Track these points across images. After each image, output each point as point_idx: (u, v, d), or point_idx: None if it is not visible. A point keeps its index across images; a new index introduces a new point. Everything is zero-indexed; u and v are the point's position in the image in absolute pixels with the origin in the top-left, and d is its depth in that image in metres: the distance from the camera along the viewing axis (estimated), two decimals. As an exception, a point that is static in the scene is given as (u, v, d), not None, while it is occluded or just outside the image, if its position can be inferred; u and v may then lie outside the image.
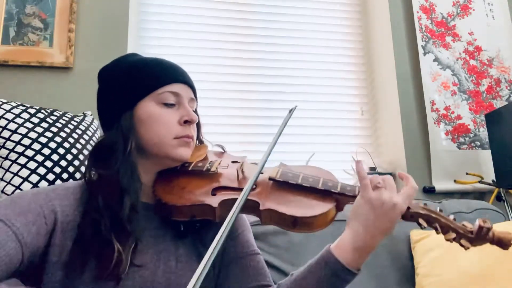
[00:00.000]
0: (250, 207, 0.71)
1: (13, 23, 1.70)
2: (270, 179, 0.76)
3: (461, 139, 2.06)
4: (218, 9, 2.12)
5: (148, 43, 1.97)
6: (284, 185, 0.76)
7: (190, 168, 0.80)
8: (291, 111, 0.83)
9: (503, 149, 1.80)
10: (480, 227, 0.66)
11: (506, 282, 1.10)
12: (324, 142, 2.08)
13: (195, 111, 0.84)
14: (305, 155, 1.75)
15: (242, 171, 0.79)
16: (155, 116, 0.76)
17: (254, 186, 0.76)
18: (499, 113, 1.86)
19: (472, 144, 2.07)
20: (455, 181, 2.00)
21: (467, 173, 2.00)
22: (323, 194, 0.74)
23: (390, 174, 1.98)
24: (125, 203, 0.71)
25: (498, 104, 2.13)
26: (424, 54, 2.11)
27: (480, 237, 0.67)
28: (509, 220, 1.69)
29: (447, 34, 2.18)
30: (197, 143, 0.87)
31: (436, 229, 0.68)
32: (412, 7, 2.16)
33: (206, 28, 2.07)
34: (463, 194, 1.98)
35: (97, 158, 0.77)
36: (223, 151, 0.92)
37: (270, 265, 1.21)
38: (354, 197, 0.72)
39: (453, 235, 0.68)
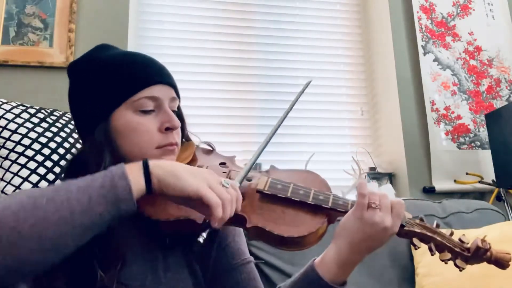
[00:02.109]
0: (236, 221, 0.67)
1: (13, 23, 1.70)
2: (258, 191, 0.72)
3: (461, 139, 2.06)
4: (217, 9, 2.12)
5: (148, 43, 1.97)
6: (272, 198, 0.72)
7: None
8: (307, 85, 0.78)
9: (503, 149, 1.80)
10: (478, 247, 0.66)
11: (506, 282, 1.10)
12: (324, 142, 2.08)
13: (178, 108, 0.78)
14: (305, 155, 1.75)
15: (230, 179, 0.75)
16: (133, 126, 0.69)
17: (251, 178, 0.73)
18: (499, 113, 1.86)
19: (472, 144, 2.07)
20: (455, 181, 2.00)
21: (467, 173, 2.01)
22: (314, 208, 0.70)
23: (390, 174, 1.99)
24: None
25: (498, 104, 2.13)
26: (424, 54, 2.11)
27: (477, 256, 0.66)
28: (509, 220, 1.69)
29: (447, 34, 2.18)
30: (183, 140, 0.80)
31: (430, 249, 0.67)
32: (412, 7, 2.16)
33: (206, 28, 2.08)
34: (463, 194, 1.98)
35: (71, 176, 0.71)
36: (211, 149, 0.86)
37: (270, 265, 1.21)
38: (346, 213, 0.70)
39: (448, 255, 0.67)
